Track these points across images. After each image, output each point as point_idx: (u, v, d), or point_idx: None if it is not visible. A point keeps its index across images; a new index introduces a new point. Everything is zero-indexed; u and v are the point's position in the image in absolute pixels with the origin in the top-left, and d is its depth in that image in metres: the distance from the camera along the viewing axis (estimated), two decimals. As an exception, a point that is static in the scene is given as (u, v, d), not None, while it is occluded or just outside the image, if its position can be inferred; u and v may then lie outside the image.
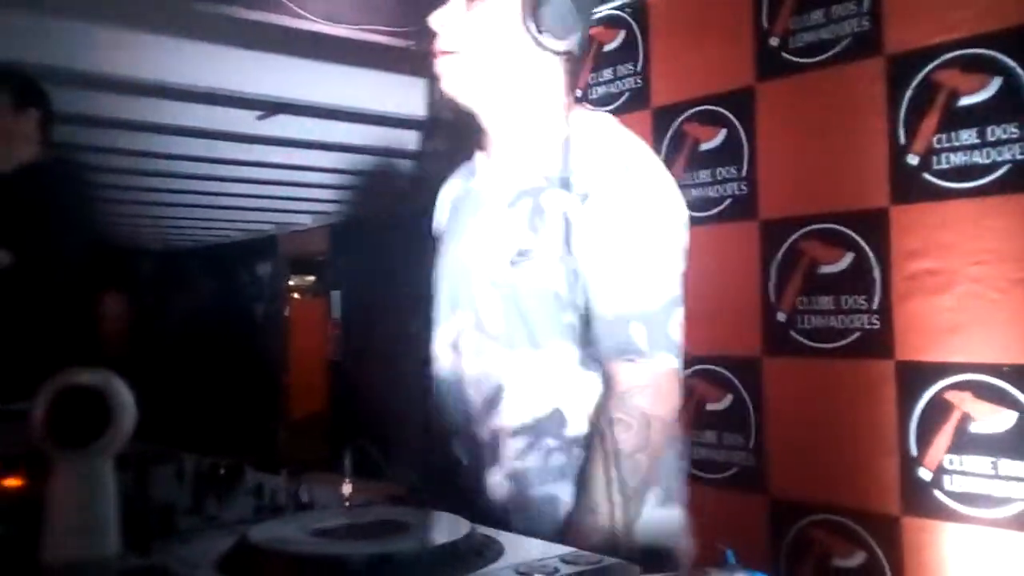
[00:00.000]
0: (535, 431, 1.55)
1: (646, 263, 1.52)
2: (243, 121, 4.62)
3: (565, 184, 1.53)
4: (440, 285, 1.74)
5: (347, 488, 1.27)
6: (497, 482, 1.56)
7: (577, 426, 1.54)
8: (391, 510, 1.20)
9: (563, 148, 1.56)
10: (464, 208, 1.75)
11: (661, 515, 1.56)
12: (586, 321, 1.52)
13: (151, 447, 1.59)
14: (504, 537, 1.05)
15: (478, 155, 1.75)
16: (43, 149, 2.83)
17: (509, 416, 1.56)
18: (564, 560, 0.95)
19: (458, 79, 1.61)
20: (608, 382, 1.50)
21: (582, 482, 1.49)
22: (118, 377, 0.80)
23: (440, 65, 1.61)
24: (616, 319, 1.49)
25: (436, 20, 1.58)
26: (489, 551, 0.99)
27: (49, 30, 3.64)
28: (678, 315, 1.54)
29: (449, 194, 1.88)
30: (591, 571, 0.93)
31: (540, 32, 1.52)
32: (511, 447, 1.56)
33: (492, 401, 1.58)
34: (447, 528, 1.03)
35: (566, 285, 1.52)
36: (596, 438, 1.48)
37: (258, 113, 2.19)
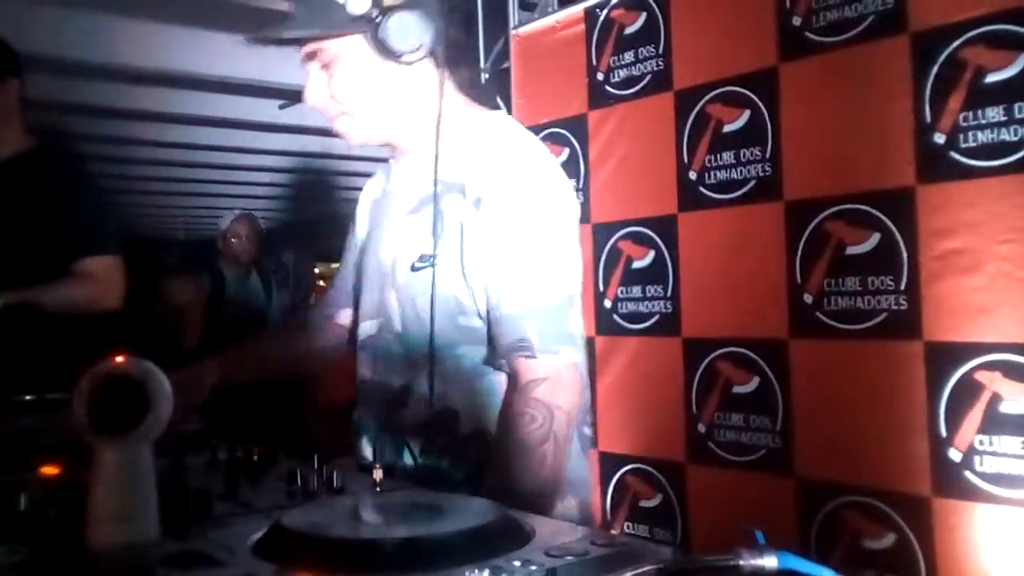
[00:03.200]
0: (433, 429, 1.62)
1: (539, 262, 1.57)
2: (266, 110, 4.65)
3: (460, 189, 1.60)
4: (364, 286, 1.81)
5: (378, 473, 1.29)
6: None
7: (473, 423, 1.61)
8: (422, 494, 1.21)
9: (457, 153, 1.64)
10: (381, 210, 1.83)
11: (566, 505, 1.63)
12: (488, 322, 1.59)
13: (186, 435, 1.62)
14: (535, 520, 1.06)
15: (391, 160, 1.83)
16: (27, 133, 2.77)
17: (411, 415, 1.64)
18: (594, 542, 0.96)
19: (359, 132, 1.69)
20: (511, 378, 1.56)
21: (495, 473, 1.53)
22: (155, 365, 0.81)
23: (338, 128, 1.69)
24: (512, 317, 1.54)
25: (311, 98, 1.65)
26: (520, 534, 1.00)
27: (62, 21, 3.66)
28: (577, 310, 1.60)
29: (369, 194, 1.96)
30: (621, 552, 0.94)
31: (395, 54, 1.58)
32: (413, 444, 1.64)
33: (397, 400, 1.67)
34: (478, 511, 1.04)
35: (466, 289, 1.60)
36: (500, 430, 1.55)
37: (280, 102, 2.21)
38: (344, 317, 1.99)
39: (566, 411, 1.53)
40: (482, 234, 1.57)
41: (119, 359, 0.80)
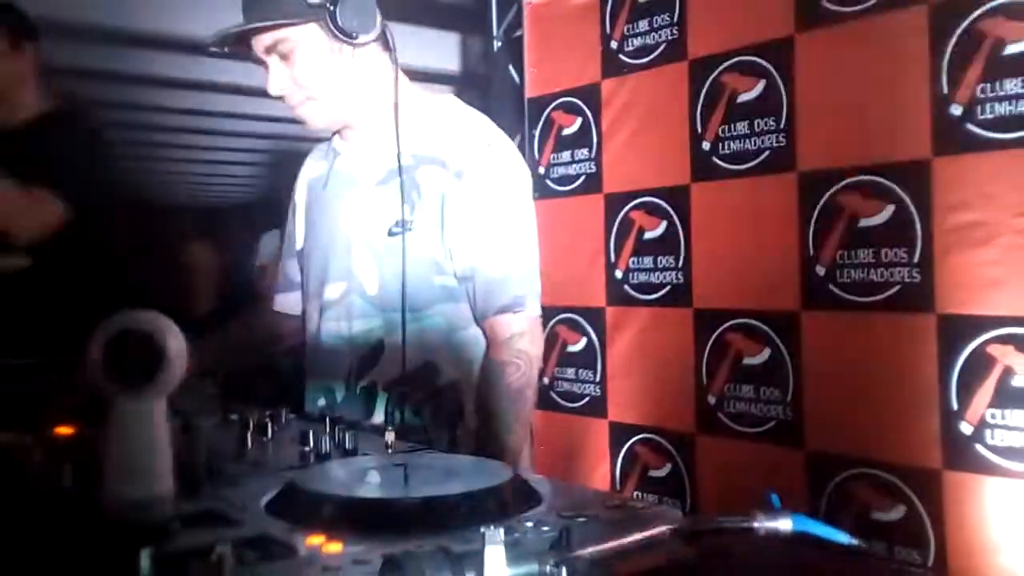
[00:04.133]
0: (412, 383, 1.76)
1: (519, 229, 1.79)
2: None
3: (439, 163, 1.76)
4: (309, 259, 1.96)
5: (389, 436, 1.30)
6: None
7: (448, 375, 1.78)
8: (434, 456, 1.21)
9: (422, 129, 1.79)
10: (331, 187, 1.95)
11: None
12: (471, 282, 1.76)
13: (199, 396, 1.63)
14: (546, 483, 1.06)
15: (335, 139, 1.97)
16: (44, 93, 2.79)
17: (385, 370, 1.78)
18: (607, 505, 0.96)
19: (322, 116, 1.83)
20: (491, 333, 1.77)
21: (479, 415, 1.74)
22: (170, 320, 0.81)
23: (301, 115, 1.82)
24: (504, 278, 1.74)
25: (274, 88, 1.77)
26: (531, 496, 1.00)
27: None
28: (535, 272, 1.81)
29: (308, 173, 2.09)
30: (632, 514, 0.94)
31: (351, 37, 1.71)
32: (386, 397, 1.78)
33: (369, 358, 1.80)
34: (490, 473, 1.05)
35: (444, 252, 1.76)
36: (486, 382, 1.74)
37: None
38: (284, 303, 2.12)
39: (538, 359, 1.78)
40: (466, 203, 1.74)
41: (134, 312, 0.80)
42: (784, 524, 0.76)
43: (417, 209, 1.76)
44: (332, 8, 1.68)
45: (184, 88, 5.24)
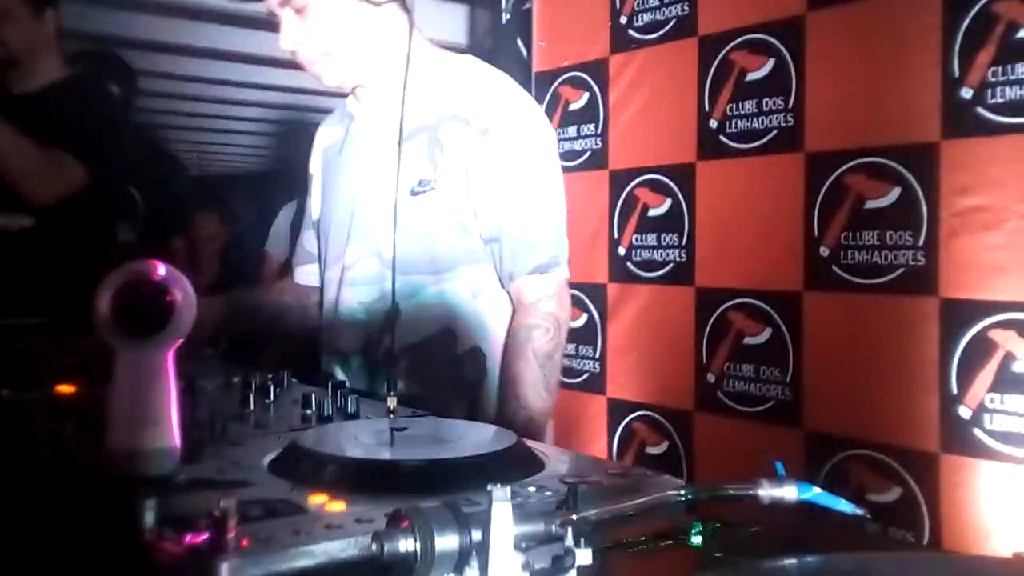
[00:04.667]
0: (425, 349, 1.72)
1: (547, 188, 1.74)
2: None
3: (463, 120, 1.69)
4: (327, 226, 1.89)
5: (391, 401, 1.29)
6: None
7: (468, 341, 1.74)
8: (437, 421, 1.21)
9: (444, 88, 1.74)
10: (347, 150, 1.89)
11: None
12: (491, 243, 1.70)
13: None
14: (549, 450, 1.06)
15: (350, 102, 1.91)
16: (63, 62, 2.80)
17: (403, 336, 1.71)
18: (609, 472, 0.96)
19: (335, 73, 1.76)
20: (518, 296, 1.71)
21: (505, 380, 1.69)
22: (179, 272, 0.81)
23: (315, 71, 1.76)
24: (532, 239, 1.69)
25: (286, 43, 1.71)
26: (533, 462, 1.00)
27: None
28: (562, 230, 1.76)
29: (322, 142, 2.04)
30: (634, 481, 0.94)
31: None
32: (402, 365, 1.72)
33: (387, 323, 1.73)
34: (492, 438, 1.05)
35: (469, 211, 1.70)
36: (514, 346, 1.68)
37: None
38: (303, 275, 2.06)
39: (567, 322, 1.73)
40: (492, 161, 1.67)
41: (142, 263, 0.80)
42: (789, 492, 0.76)
43: (440, 167, 1.70)
44: None
45: (193, 56, 5.21)
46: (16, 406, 1.22)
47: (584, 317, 3.37)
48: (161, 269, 0.79)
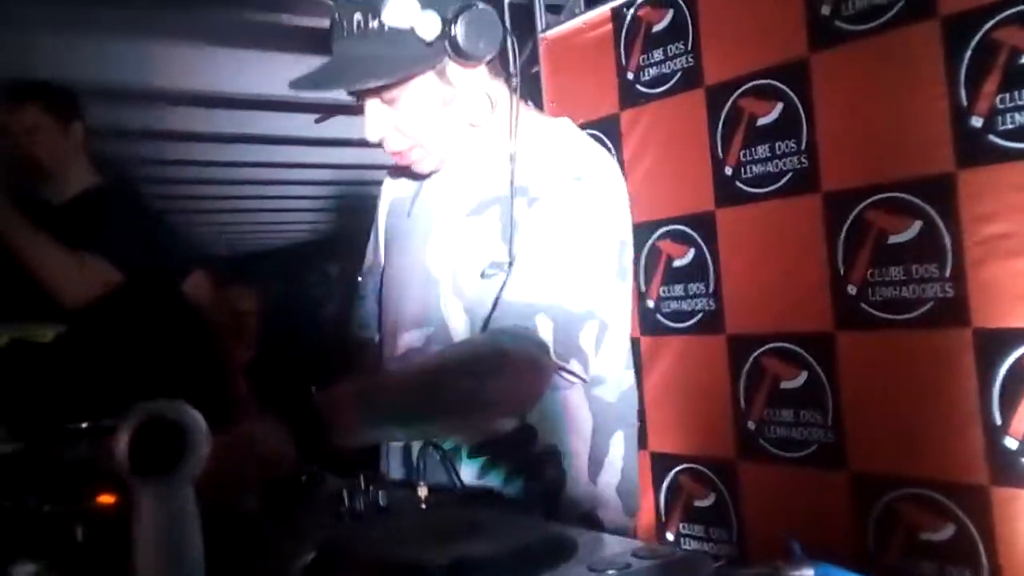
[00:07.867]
0: (506, 446, 1.56)
1: (571, 265, 1.50)
2: (304, 126, 4.71)
3: (524, 192, 1.53)
4: (399, 294, 1.71)
5: (422, 491, 1.30)
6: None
7: (546, 441, 1.56)
8: (467, 512, 1.22)
9: (520, 156, 1.54)
10: (417, 214, 1.72)
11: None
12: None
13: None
14: (576, 534, 1.06)
15: None
16: (92, 170, 2.89)
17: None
18: (636, 555, 0.96)
19: (431, 162, 1.62)
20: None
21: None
22: (192, 407, 0.83)
23: (407, 163, 1.63)
24: (525, 306, 1.46)
25: (372, 134, 1.57)
26: (563, 549, 1.00)
27: (101, 47, 3.75)
28: (592, 330, 1.51)
29: (390, 194, 1.86)
30: (664, 564, 0.94)
31: (473, 58, 1.49)
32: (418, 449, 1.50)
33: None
34: (523, 528, 1.05)
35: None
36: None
37: (316, 116, 2.27)
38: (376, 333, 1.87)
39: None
40: (527, 230, 1.51)
41: (156, 402, 0.82)
42: (807, 574, 0.75)
43: (514, 247, 1.52)
44: (451, 32, 1.45)
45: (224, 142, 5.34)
46: (58, 520, 1.24)
47: (618, 373, 3.36)
48: (172, 406, 0.81)
